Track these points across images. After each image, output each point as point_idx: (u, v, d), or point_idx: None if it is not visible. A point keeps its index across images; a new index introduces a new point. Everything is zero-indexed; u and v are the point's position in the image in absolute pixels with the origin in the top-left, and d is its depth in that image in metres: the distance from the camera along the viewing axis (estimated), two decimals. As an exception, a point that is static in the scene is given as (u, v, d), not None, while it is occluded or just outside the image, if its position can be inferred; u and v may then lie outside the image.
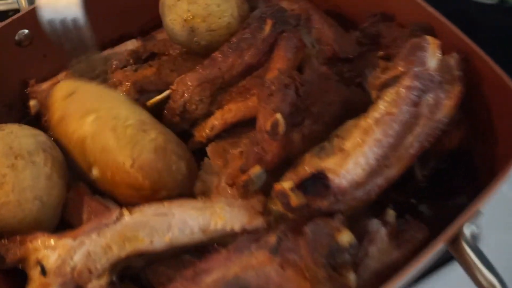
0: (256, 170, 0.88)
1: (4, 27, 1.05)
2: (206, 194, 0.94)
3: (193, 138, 1.02)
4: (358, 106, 0.98)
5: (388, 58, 1.02)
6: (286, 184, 0.80)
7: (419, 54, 0.89)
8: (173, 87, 1.03)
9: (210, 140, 1.01)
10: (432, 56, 0.90)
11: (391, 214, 0.89)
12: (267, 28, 1.00)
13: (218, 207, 0.86)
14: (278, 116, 0.88)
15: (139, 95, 1.08)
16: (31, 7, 1.07)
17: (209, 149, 0.99)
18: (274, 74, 0.96)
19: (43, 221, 0.90)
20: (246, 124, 0.99)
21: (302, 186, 0.80)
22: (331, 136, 0.94)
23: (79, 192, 0.96)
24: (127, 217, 0.85)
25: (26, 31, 1.07)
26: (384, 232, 0.87)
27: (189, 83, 1.01)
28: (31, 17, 1.06)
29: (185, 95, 1.01)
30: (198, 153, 1.01)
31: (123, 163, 0.90)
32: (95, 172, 0.93)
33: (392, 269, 0.85)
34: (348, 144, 0.85)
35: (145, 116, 0.98)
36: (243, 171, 0.89)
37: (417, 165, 0.93)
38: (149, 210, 0.86)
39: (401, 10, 1.03)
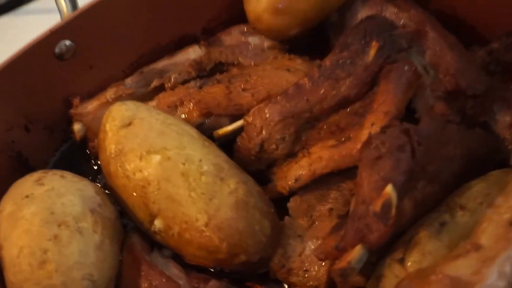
0: (357, 254, 0.69)
1: (42, 41, 0.84)
2: (287, 266, 0.77)
3: (273, 187, 0.84)
4: (484, 155, 0.78)
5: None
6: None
7: None
8: (248, 119, 0.84)
9: (292, 192, 0.82)
10: None
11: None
12: (372, 52, 0.78)
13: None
14: (390, 191, 0.68)
15: (203, 118, 0.88)
16: (74, 14, 0.86)
17: (291, 205, 0.81)
18: (380, 120, 0.75)
19: None
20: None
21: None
22: (452, 203, 0.74)
23: (134, 256, 0.79)
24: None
25: (68, 42, 0.87)
26: None
27: (269, 117, 0.82)
28: (74, 25, 0.87)
29: (263, 131, 0.82)
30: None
31: (195, 219, 0.74)
32: (158, 225, 0.77)
33: None
34: (485, 238, 0.64)
35: (221, 158, 0.80)
36: (340, 250, 0.70)
37: None
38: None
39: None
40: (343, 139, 0.80)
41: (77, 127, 0.92)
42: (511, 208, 0.65)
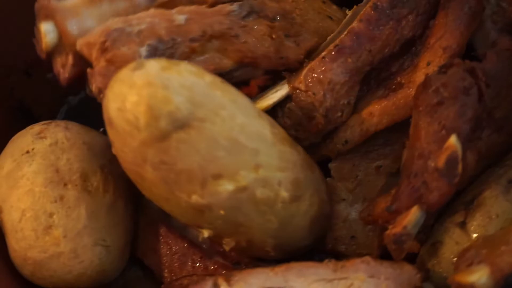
0: (414, 216, 0.59)
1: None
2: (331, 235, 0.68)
3: (318, 150, 0.71)
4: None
5: None
6: (476, 279, 0.51)
7: None
8: (300, 86, 0.66)
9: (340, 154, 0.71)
10: None
11: None
12: None
13: (357, 279, 0.59)
14: (455, 143, 0.56)
15: (238, 66, 0.68)
16: None
17: (333, 166, 0.71)
18: (438, 58, 0.64)
19: (108, 271, 0.66)
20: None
21: (503, 283, 0.50)
22: None
23: (152, 218, 0.71)
24: (224, 291, 0.58)
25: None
26: None
27: (332, 79, 0.65)
28: None
29: (327, 99, 0.65)
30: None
31: (261, 241, 0.63)
32: (206, 234, 0.62)
33: None
34: None
35: (293, 155, 0.63)
36: (392, 213, 0.60)
37: None
38: (255, 280, 0.59)
39: None
40: (393, 86, 0.68)
41: (45, 27, 0.65)
42: None
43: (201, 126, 0.54)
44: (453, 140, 0.57)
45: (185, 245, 0.68)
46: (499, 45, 0.67)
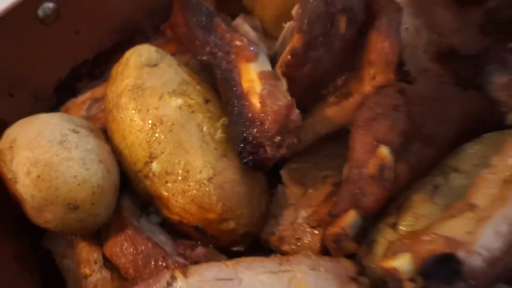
0: (351, 219, 0.65)
1: (22, 3, 0.78)
2: (278, 234, 0.72)
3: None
4: (479, 117, 0.73)
5: (521, 52, 0.74)
6: (399, 264, 0.56)
7: None
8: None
9: (285, 159, 0.76)
10: None
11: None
12: (343, 24, 0.70)
13: (299, 271, 0.64)
14: (386, 153, 0.63)
15: None
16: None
17: (284, 173, 0.76)
18: (383, 70, 0.70)
19: (105, 193, 0.69)
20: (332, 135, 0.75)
21: (423, 270, 0.56)
22: (445, 166, 0.70)
23: (122, 220, 0.74)
24: (181, 283, 0.62)
25: (50, 4, 0.80)
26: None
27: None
28: None
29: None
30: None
31: (199, 171, 0.69)
32: (155, 167, 0.71)
33: None
34: (480, 198, 0.60)
35: None
36: (333, 216, 0.66)
37: None
38: (209, 273, 0.63)
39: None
40: (344, 94, 0.73)
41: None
42: (507, 167, 0.60)
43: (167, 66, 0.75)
44: (384, 150, 0.63)
45: (150, 246, 0.70)
46: (429, 71, 0.74)
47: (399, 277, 0.56)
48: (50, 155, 0.66)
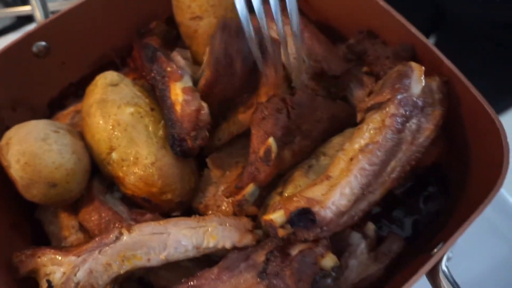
0: (249, 189, 0.71)
1: (21, 41, 0.83)
2: (204, 203, 0.77)
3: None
4: (343, 119, 0.80)
5: (371, 74, 0.82)
6: (274, 216, 0.63)
7: (404, 81, 0.69)
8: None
9: (215, 149, 0.82)
10: (417, 82, 0.70)
11: (371, 228, 0.72)
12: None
13: (211, 226, 0.69)
14: (271, 141, 0.70)
15: None
16: (47, 20, 0.85)
17: (209, 160, 0.81)
18: (272, 88, 0.76)
19: (77, 174, 0.74)
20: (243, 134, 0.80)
21: (290, 219, 0.62)
22: (318, 152, 0.76)
23: (91, 195, 0.78)
24: (126, 237, 0.68)
25: (42, 43, 0.86)
26: (364, 246, 0.71)
27: None
28: (48, 29, 0.85)
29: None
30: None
31: (145, 157, 0.74)
32: (114, 156, 0.75)
33: (369, 282, 0.70)
34: (334, 171, 0.67)
35: None
36: (238, 188, 0.72)
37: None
38: (147, 229, 0.69)
39: (386, 28, 0.82)
40: (249, 105, 0.79)
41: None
42: (352, 150, 0.67)
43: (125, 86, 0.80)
44: (270, 140, 0.69)
45: (111, 213, 0.75)
46: (308, 87, 0.81)
47: (274, 225, 0.63)
48: (35, 148, 0.70)
